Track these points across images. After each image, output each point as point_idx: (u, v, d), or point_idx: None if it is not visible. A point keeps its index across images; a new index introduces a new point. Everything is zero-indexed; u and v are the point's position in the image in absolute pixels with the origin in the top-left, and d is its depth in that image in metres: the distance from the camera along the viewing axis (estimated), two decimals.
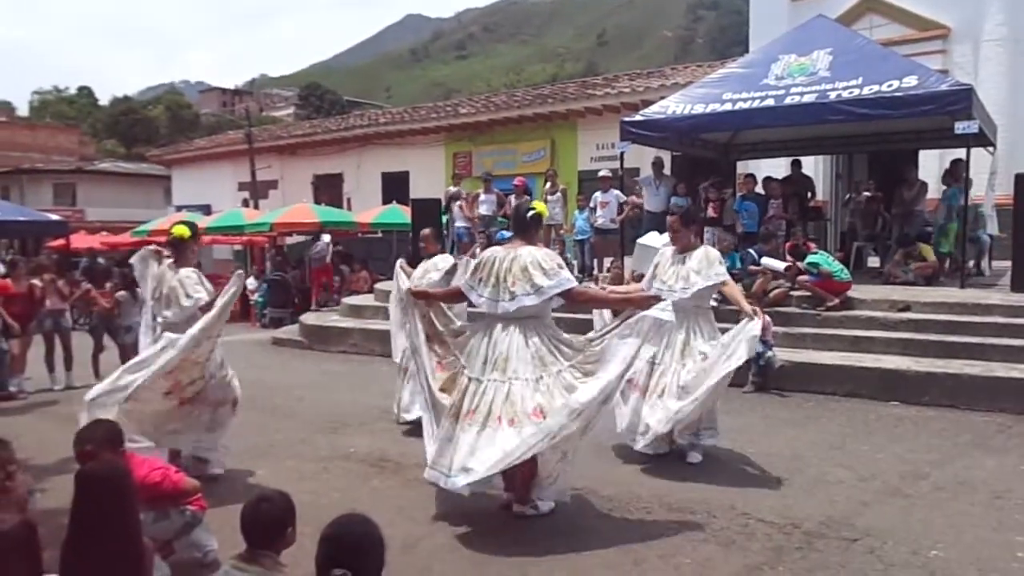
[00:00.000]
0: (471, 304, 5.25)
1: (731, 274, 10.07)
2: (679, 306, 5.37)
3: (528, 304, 4.60)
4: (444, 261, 7.11)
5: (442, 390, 4.90)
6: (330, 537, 2.45)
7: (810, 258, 9.77)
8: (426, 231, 7.63)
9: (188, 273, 5.72)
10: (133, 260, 6.17)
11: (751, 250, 10.52)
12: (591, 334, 4.94)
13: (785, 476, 5.42)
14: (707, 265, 5.62)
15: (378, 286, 13.80)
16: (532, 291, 4.59)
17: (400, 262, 7.42)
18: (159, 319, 5.82)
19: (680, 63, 27.82)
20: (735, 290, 5.87)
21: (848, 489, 5.14)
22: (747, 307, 5.48)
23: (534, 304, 4.61)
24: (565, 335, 4.90)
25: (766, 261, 10.01)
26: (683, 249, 5.76)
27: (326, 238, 18.05)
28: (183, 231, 5.80)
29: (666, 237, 6.33)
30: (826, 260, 9.73)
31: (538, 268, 4.61)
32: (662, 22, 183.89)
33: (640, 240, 8.82)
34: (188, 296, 5.60)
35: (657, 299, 4.75)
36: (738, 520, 4.59)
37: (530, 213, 4.96)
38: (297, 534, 2.88)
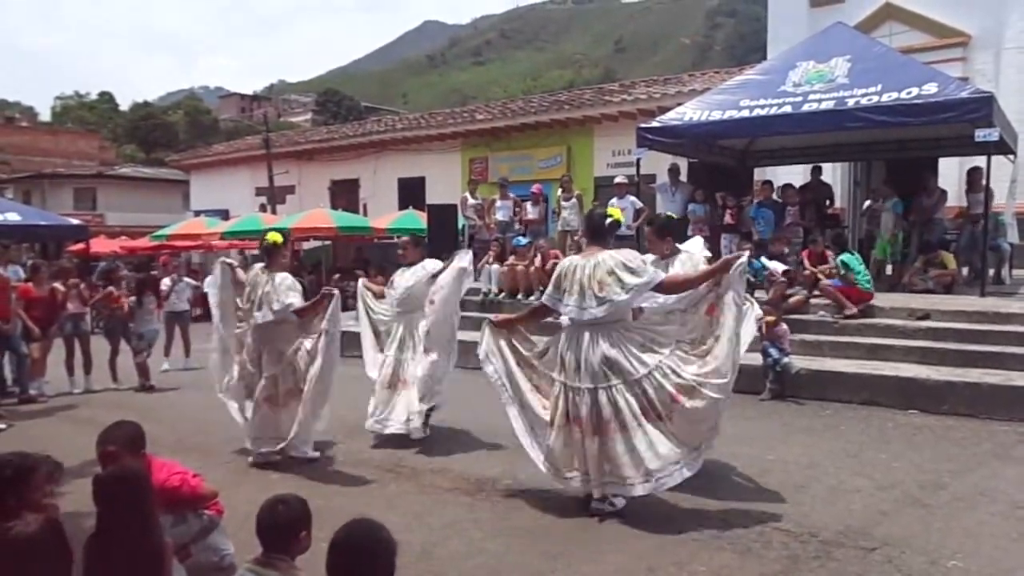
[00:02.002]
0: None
1: (749, 282, 10.18)
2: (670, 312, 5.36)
3: (620, 306, 4.74)
4: (432, 264, 7.00)
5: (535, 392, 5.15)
6: (338, 542, 2.46)
7: (842, 257, 9.74)
8: (405, 238, 7.64)
9: (283, 277, 6.11)
10: (208, 283, 6.82)
11: (763, 258, 10.52)
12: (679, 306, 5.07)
13: (802, 484, 5.39)
14: (692, 267, 5.49)
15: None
16: (624, 292, 4.72)
17: (363, 282, 7.62)
18: (248, 322, 6.22)
19: (697, 70, 27.72)
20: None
21: (866, 498, 5.10)
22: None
23: (624, 305, 4.77)
24: (652, 324, 5.06)
25: (769, 263, 10.01)
26: (663, 257, 5.62)
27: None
28: (276, 237, 6.21)
29: (699, 241, 6.31)
30: (856, 263, 9.70)
31: (624, 269, 4.75)
32: (680, 29, 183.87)
33: (681, 247, 8.84)
34: (279, 301, 5.99)
35: (737, 258, 4.83)
36: (754, 528, 4.57)
37: (608, 220, 5.12)
38: (312, 539, 2.89)
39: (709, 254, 5.91)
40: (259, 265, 6.30)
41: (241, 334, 6.41)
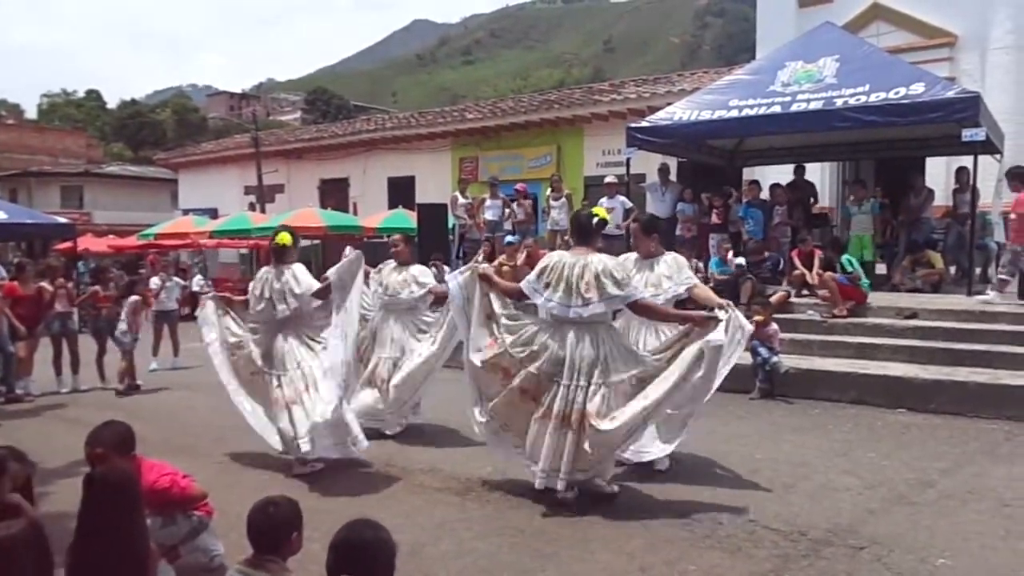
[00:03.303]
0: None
1: (726, 279, 10.22)
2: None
3: (600, 311, 4.80)
4: (425, 276, 7.18)
5: (486, 361, 5.12)
6: (340, 543, 2.46)
7: (847, 256, 9.88)
8: (397, 236, 7.67)
9: (295, 267, 6.07)
10: (200, 319, 6.58)
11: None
12: (655, 348, 5.10)
13: (791, 483, 5.41)
14: (677, 270, 5.56)
15: None
16: (601, 299, 4.78)
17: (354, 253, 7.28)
18: (265, 321, 6.11)
19: (687, 69, 27.78)
20: (705, 290, 5.70)
21: (855, 496, 5.12)
22: (718, 300, 5.16)
23: (604, 311, 4.83)
24: (627, 342, 5.11)
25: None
26: (647, 256, 5.68)
27: None
28: (285, 239, 6.14)
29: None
30: (858, 265, 9.86)
31: (610, 277, 4.81)
32: (669, 28, 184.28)
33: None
34: (299, 284, 5.94)
35: (716, 320, 4.77)
36: (744, 527, 4.58)
37: (595, 220, 5.12)
38: (303, 539, 2.88)
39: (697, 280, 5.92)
40: (266, 267, 6.26)
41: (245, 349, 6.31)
